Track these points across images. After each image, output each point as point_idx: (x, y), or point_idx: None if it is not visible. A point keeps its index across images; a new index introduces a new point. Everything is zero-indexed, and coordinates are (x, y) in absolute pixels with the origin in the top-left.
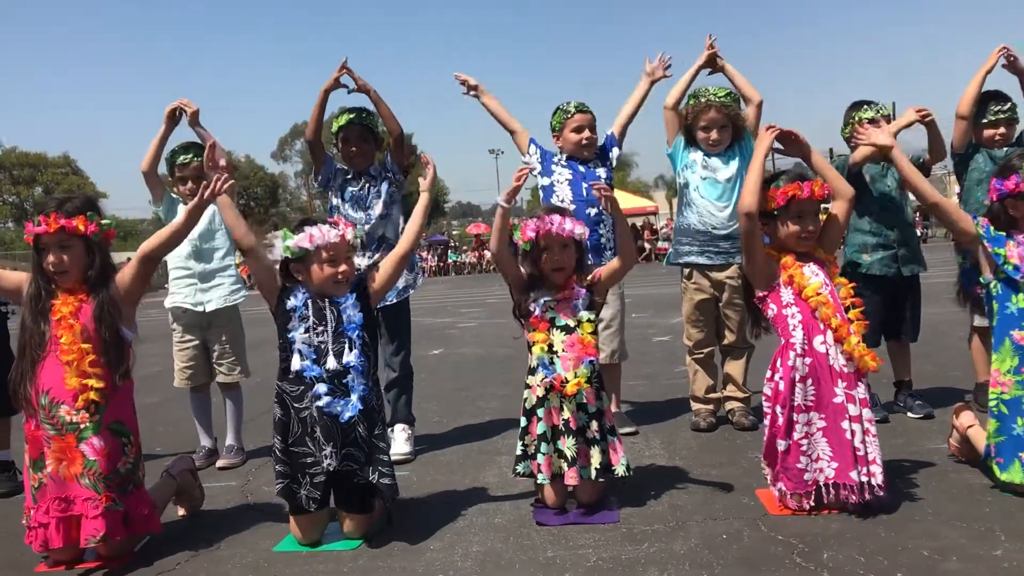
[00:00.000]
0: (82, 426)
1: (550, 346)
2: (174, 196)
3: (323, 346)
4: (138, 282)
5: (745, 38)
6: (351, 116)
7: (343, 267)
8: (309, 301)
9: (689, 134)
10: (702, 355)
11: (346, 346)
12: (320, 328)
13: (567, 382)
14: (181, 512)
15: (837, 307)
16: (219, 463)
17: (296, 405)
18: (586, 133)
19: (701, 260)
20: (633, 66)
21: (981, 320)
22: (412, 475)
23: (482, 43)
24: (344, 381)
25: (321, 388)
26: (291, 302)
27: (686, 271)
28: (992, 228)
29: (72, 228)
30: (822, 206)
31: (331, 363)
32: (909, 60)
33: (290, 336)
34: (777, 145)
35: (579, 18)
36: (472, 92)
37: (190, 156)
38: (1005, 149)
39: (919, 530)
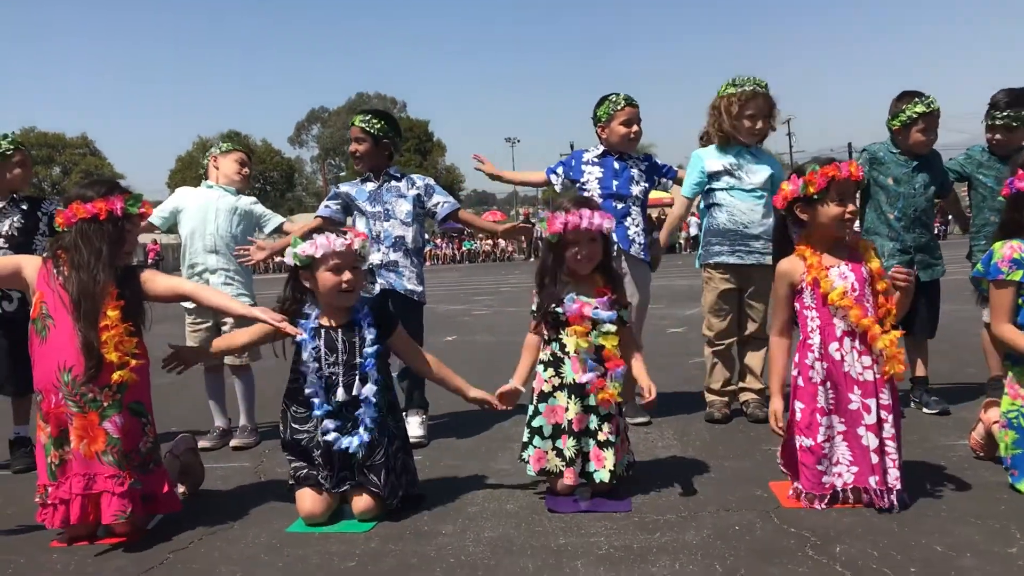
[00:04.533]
0: (105, 404)
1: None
2: (166, 210)
3: (334, 377)
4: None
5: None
6: (358, 117)
7: (347, 275)
8: (321, 331)
9: (722, 130)
10: (723, 347)
11: (356, 379)
12: (331, 359)
13: (605, 387)
14: (182, 490)
15: (872, 309)
16: (232, 443)
17: (297, 427)
18: (634, 127)
19: (732, 260)
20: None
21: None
22: (425, 460)
23: (501, 32)
24: (356, 414)
25: (329, 424)
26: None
27: (712, 262)
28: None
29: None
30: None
31: (340, 395)
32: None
33: (302, 368)
34: None
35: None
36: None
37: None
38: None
39: (933, 526)
